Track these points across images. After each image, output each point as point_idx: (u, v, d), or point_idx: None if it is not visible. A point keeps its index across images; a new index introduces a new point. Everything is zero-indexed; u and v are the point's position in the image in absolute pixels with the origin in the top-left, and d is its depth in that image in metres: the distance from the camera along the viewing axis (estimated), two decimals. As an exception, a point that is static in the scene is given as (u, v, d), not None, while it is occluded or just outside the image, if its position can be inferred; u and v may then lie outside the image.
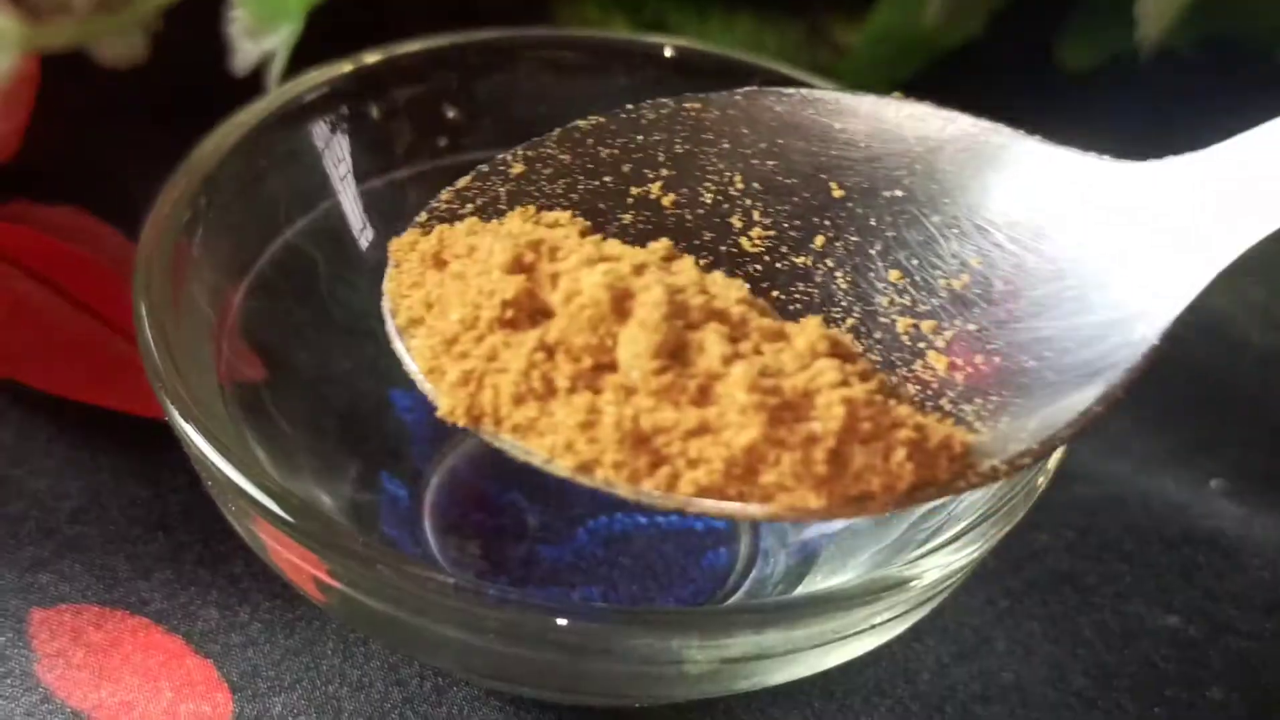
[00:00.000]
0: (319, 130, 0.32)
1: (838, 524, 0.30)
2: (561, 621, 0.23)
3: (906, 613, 0.26)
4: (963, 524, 0.26)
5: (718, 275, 0.25)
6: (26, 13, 0.36)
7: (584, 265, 0.24)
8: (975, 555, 0.25)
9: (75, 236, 0.35)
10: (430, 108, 0.33)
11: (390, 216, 0.33)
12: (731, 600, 0.30)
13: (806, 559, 0.30)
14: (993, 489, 0.26)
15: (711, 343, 0.23)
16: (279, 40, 0.36)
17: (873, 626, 0.25)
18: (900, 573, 0.25)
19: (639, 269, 0.24)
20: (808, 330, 0.24)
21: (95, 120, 0.40)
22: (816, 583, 0.29)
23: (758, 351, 0.23)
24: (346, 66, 0.32)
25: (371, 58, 0.32)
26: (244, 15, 0.36)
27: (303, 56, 0.35)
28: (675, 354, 0.23)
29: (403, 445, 0.33)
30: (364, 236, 0.33)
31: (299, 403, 0.31)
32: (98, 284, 0.33)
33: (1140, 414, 0.36)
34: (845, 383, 0.23)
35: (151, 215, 0.29)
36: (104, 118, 0.40)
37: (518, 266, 0.24)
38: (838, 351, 0.24)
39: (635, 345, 0.23)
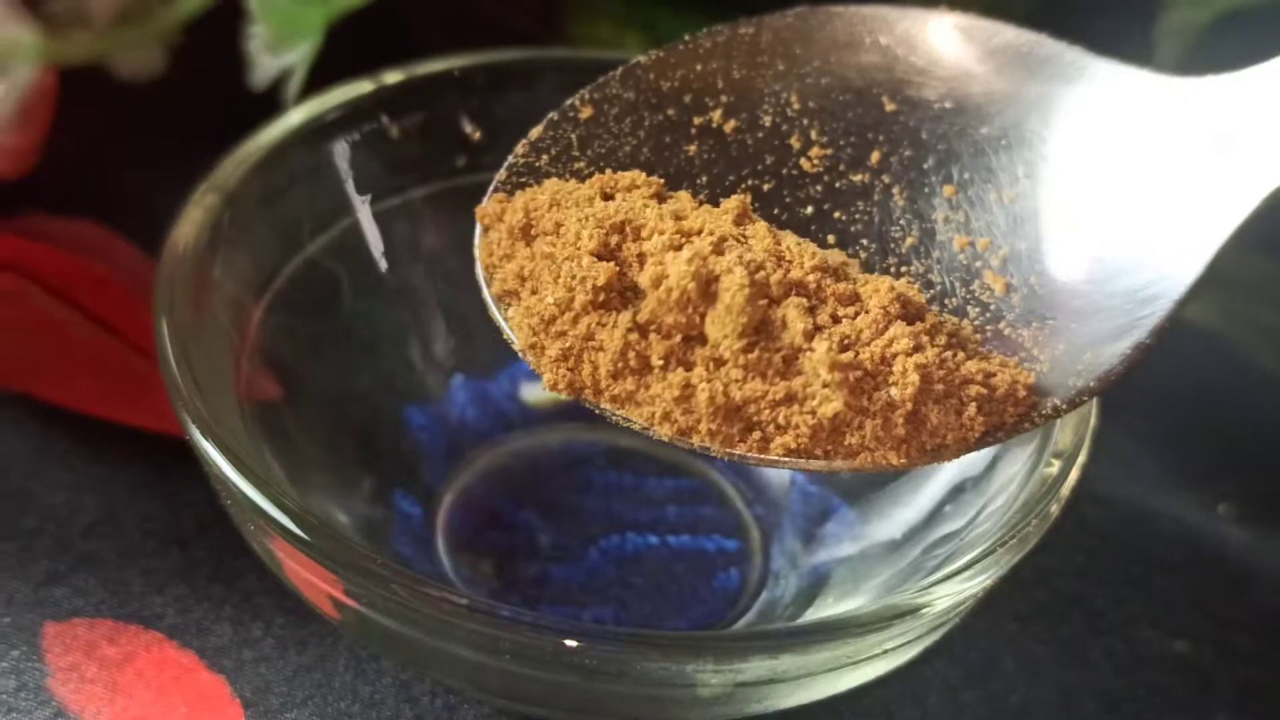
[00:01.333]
0: (340, 148, 0.32)
1: (848, 549, 0.31)
2: (575, 644, 0.24)
3: (918, 638, 0.26)
4: (975, 551, 0.26)
5: (791, 239, 0.26)
6: (46, 26, 0.37)
7: (668, 249, 0.25)
8: (987, 583, 0.26)
9: (91, 250, 0.35)
10: (450, 127, 0.33)
11: (409, 234, 0.33)
12: (742, 622, 0.30)
13: (817, 582, 0.30)
14: (1005, 517, 0.27)
15: (793, 318, 0.24)
16: (298, 56, 0.36)
17: (885, 652, 0.25)
18: (913, 600, 0.25)
19: (719, 245, 0.25)
20: (879, 293, 0.25)
21: (113, 134, 0.40)
22: (827, 605, 0.29)
23: (835, 318, 0.25)
24: (367, 86, 0.32)
25: (392, 77, 0.33)
26: (263, 31, 0.36)
27: (321, 73, 0.35)
28: (759, 329, 0.24)
29: (417, 463, 0.33)
30: (383, 254, 0.33)
31: (316, 420, 0.31)
32: (113, 299, 0.33)
33: (1149, 439, 0.37)
34: (918, 347, 0.24)
35: (173, 233, 0.29)
36: (122, 132, 0.40)
37: (605, 251, 0.25)
38: (907, 309, 0.25)
39: (723, 327, 0.24)
